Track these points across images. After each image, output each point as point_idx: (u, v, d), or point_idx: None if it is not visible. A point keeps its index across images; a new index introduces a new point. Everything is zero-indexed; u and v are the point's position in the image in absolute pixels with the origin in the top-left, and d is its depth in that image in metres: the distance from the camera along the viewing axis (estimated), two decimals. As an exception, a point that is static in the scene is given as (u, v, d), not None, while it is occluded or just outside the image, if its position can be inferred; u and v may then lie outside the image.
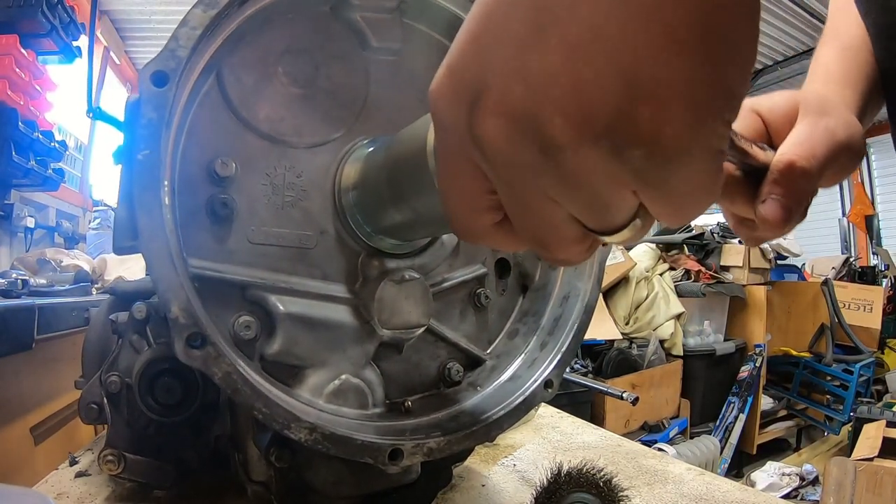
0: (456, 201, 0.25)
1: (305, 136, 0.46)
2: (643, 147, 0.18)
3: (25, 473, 1.06)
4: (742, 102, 0.19)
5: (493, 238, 0.26)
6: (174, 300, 0.34)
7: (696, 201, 0.20)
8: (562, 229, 0.23)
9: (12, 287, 1.25)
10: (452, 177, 0.24)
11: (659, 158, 0.18)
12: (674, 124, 0.17)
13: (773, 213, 0.33)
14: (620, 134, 0.18)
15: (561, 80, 0.18)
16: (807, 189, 0.34)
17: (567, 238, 0.23)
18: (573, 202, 0.21)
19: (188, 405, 0.56)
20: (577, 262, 0.25)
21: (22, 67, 1.88)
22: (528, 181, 0.21)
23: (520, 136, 0.19)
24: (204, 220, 0.42)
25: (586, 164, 0.19)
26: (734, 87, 0.18)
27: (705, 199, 0.20)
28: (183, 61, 0.35)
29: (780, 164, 0.34)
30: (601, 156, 0.18)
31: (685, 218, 0.21)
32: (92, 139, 3.17)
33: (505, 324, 0.58)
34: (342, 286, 0.47)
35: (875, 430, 2.23)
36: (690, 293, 3.37)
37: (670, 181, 0.19)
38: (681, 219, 0.21)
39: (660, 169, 0.18)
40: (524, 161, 0.20)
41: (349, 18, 0.48)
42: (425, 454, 0.43)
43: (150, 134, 0.34)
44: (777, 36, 4.55)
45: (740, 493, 0.68)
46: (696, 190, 0.20)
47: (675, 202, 0.20)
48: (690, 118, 0.17)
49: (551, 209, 0.22)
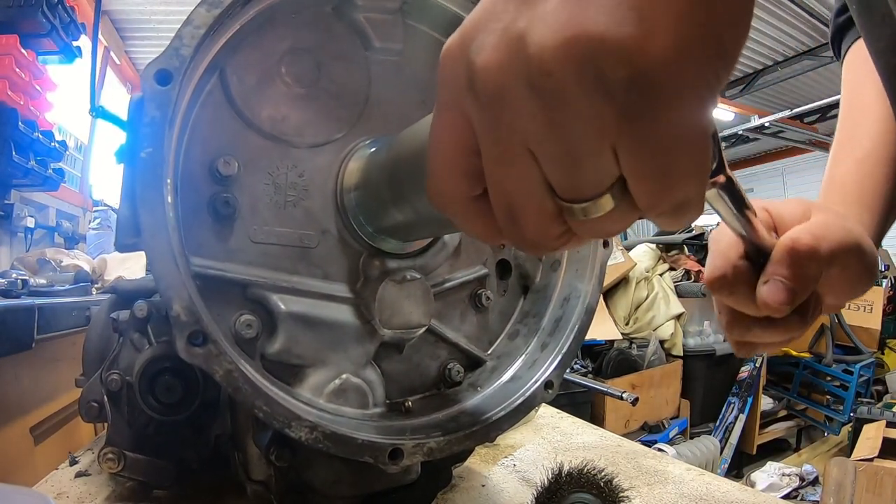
0: (439, 158, 0.25)
1: (308, 136, 0.46)
2: (627, 67, 0.18)
3: (25, 473, 1.06)
4: (733, 64, 0.19)
5: (464, 209, 0.26)
6: (176, 298, 0.34)
7: (680, 171, 0.20)
8: (535, 195, 0.22)
9: (12, 287, 1.25)
10: (441, 129, 0.25)
11: (642, 86, 0.18)
12: (660, 47, 0.17)
13: (774, 295, 0.31)
14: (606, 56, 0.18)
15: (553, 7, 0.19)
16: (811, 273, 0.32)
17: (539, 210, 0.23)
18: (550, 151, 0.21)
19: (188, 404, 0.56)
20: (547, 245, 0.24)
21: (22, 67, 1.88)
22: (512, 122, 0.21)
23: (510, 63, 0.20)
24: (206, 218, 0.43)
25: (570, 92, 0.19)
26: (724, 36, 0.18)
27: (691, 168, 0.20)
28: (186, 60, 0.36)
29: (785, 242, 0.32)
30: (585, 82, 0.18)
31: (667, 198, 0.20)
32: (92, 139, 3.17)
33: (506, 325, 0.58)
34: (343, 286, 0.47)
35: (875, 431, 2.24)
36: (690, 293, 3.37)
37: (653, 127, 0.19)
38: (662, 198, 0.20)
39: (643, 103, 0.18)
40: (512, 94, 0.20)
41: (352, 19, 0.48)
42: (425, 454, 0.43)
43: (153, 132, 0.34)
44: (777, 36, 4.56)
45: (740, 493, 0.68)
46: (681, 149, 0.19)
47: (656, 167, 0.20)
48: (678, 45, 0.18)
49: (528, 166, 0.22)
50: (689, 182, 0.20)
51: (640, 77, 0.18)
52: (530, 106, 0.20)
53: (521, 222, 0.23)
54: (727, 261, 0.35)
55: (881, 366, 3.97)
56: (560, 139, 0.20)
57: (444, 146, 0.25)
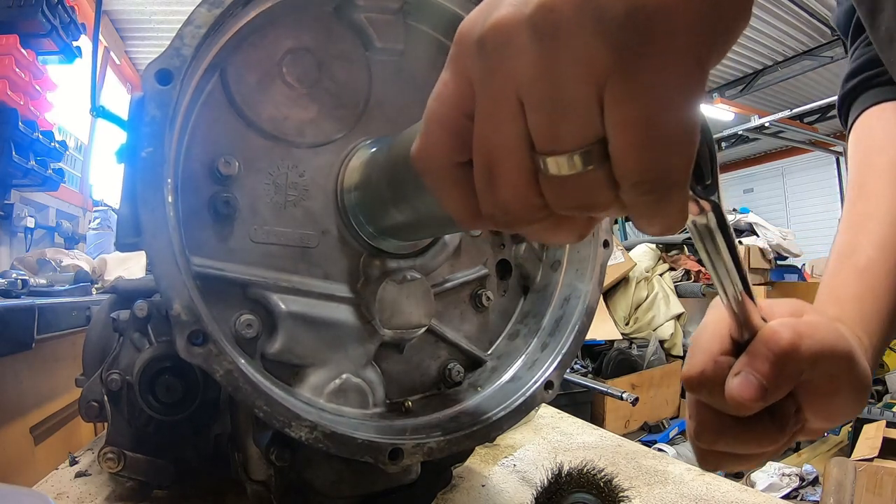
0: (433, 116, 0.26)
1: (308, 136, 0.46)
2: (625, 4, 0.18)
3: (25, 473, 1.06)
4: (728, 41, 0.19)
5: (446, 175, 0.26)
6: (176, 297, 0.34)
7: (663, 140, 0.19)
8: (515, 151, 0.22)
9: (12, 287, 1.25)
10: (442, 89, 0.25)
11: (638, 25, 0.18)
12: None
13: (743, 390, 0.28)
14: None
15: None
16: (788, 371, 0.29)
17: (518, 167, 0.23)
18: (538, 95, 0.21)
19: (188, 404, 0.56)
20: (521, 216, 0.24)
21: (22, 67, 1.87)
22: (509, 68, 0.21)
23: (519, 11, 0.21)
24: (206, 218, 0.43)
25: (568, 28, 0.19)
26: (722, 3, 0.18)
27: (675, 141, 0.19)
28: (187, 59, 0.36)
29: (764, 333, 0.30)
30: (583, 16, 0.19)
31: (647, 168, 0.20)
32: (92, 139, 3.17)
33: (506, 325, 0.58)
34: (344, 286, 0.47)
35: (875, 431, 2.24)
36: (690, 293, 3.37)
37: (642, 76, 0.19)
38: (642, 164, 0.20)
39: (636, 44, 0.18)
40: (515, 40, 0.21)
41: (353, 19, 0.48)
42: (425, 454, 0.43)
43: (154, 132, 0.34)
44: (777, 36, 4.55)
45: (740, 493, 0.68)
46: (666, 115, 0.19)
47: (639, 124, 0.19)
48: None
49: (513, 119, 0.22)
50: (671, 148, 0.20)
51: (635, 15, 0.18)
52: (529, 48, 0.20)
53: (497, 182, 0.23)
54: (708, 355, 0.32)
55: (881, 366, 3.97)
56: (550, 81, 0.20)
57: (441, 105, 0.25)
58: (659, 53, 0.18)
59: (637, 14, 0.18)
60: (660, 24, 0.18)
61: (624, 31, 0.18)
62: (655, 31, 0.18)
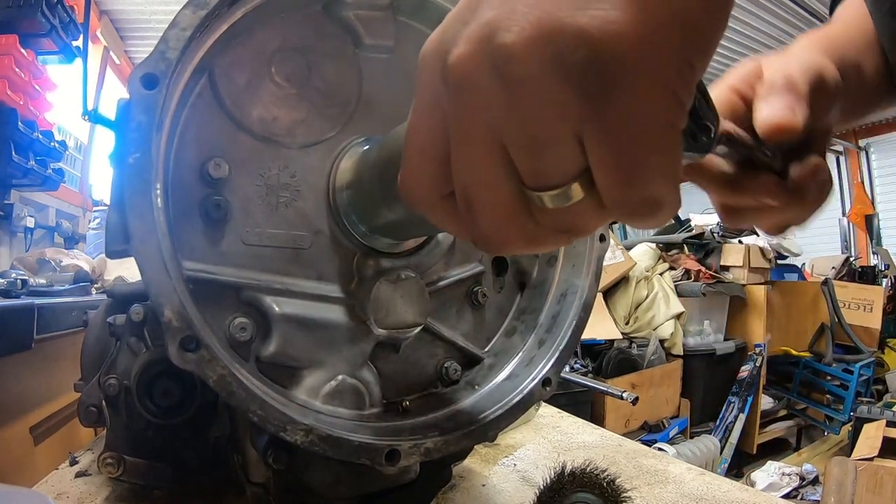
0: (412, 155, 0.26)
1: (299, 136, 0.46)
2: (585, 49, 0.18)
3: (25, 473, 1.06)
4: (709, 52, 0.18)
5: (434, 207, 0.26)
6: (167, 304, 0.34)
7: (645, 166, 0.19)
8: (492, 188, 0.22)
9: (12, 287, 1.25)
10: (416, 124, 0.25)
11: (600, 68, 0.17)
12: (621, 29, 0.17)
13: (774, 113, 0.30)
14: (565, 38, 0.18)
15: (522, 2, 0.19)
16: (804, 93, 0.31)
17: (494, 199, 0.22)
18: (515, 136, 0.20)
19: (187, 407, 0.56)
20: (507, 242, 0.23)
21: (22, 67, 1.87)
22: (478, 108, 0.21)
23: (479, 51, 0.20)
24: (197, 221, 0.42)
25: (531, 76, 0.19)
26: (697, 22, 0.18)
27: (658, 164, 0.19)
28: (173, 63, 0.35)
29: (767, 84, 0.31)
30: (544, 65, 0.18)
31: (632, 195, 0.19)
32: (92, 139, 3.17)
33: (502, 322, 0.58)
34: (337, 286, 0.47)
35: (875, 430, 2.23)
36: (690, 293, 3.37)
37: (613, 113, 0.18)
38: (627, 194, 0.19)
39: (602, 86, 0.18)
40: (479, 81, 0.20)
41: (342, 17, 0.47)
42: (423, 454, 0.43)
43: (141, 137, 0.34)
44: (777, 36, 4.54)
45: (740, 492, 0.68)
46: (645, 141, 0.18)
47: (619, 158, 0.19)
48: (642, 28, 0.17)
49: (487, 154, 0.22)
50: (655, 179, 0.19)
51: (597, 59, 0.17)
52: (495, 91, 0.20)
53: (477, 215, 0.23)
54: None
55: (881, 365, 3.97)
56: (523, 124, 0.20)
57: (417, 135, 0.25)
58: (628, 96, 0.18)
59: (597, 61, 0.17)
60: (623, 66, 0.17)
61: (587, 79, 0.18)
62: (620, 75, 0.18)
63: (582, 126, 0.19)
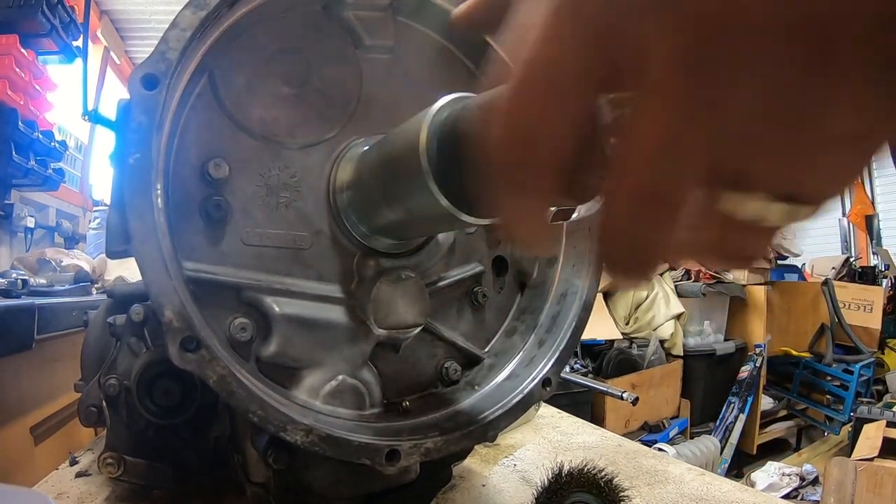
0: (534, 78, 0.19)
1: (299, 137, 0.46)
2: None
3: (25, 473, 1.06)
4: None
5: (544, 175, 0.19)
6: (167, 304, 0.34)
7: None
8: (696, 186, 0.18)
9: (12, 287, 1.25)
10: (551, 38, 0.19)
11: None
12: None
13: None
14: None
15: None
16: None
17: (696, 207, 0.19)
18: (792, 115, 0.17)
19: (187, 407, 0.56)
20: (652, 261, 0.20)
21: (22, 67, 1.88)
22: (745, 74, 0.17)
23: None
24: (198, 222, 0.42)
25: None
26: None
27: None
28: (173, 64, 0.35)
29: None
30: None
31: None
32: (92, 139, 3.17)
33: (503, 322, 0.58)
34: (337, 286, 0.47)
35: (875, 431, 2.24)
36: (690, 293, 3.37)
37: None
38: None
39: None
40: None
41: (342, 17, 0.47)
42: (423, 454, 0.43)
43: (141, 137, 0.34)
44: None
45: (740, 493, 0.68)
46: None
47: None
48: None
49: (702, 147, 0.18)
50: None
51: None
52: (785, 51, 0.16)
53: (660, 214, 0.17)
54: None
55: (881, 365, 3.97)
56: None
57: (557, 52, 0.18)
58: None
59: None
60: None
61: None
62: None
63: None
